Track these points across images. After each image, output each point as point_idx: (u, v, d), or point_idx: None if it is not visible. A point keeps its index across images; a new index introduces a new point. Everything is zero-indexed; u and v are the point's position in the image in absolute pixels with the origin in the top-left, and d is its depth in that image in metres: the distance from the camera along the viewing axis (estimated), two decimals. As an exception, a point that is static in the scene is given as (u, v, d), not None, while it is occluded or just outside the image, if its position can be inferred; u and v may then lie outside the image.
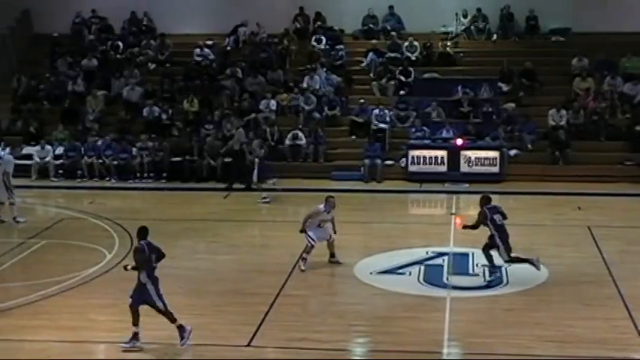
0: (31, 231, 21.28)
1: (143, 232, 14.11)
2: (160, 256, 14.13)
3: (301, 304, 16.06)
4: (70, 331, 14.72)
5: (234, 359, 13.54)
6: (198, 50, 31.75)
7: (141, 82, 30.62)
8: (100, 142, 27.74)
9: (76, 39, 33.23)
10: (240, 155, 26.14)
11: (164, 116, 28.92)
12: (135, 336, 13.81)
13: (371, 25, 33.15)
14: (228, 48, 32.26)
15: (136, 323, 13.85)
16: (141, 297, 13.85)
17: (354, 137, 28.86)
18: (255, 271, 18.00)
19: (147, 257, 13.83)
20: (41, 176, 27.31)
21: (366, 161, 27.18)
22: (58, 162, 27.50)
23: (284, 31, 32.61)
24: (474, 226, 17.11)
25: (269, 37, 32.55)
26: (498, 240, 16.70)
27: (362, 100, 29.34)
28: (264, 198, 24.39)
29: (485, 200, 17.22)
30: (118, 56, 32.29)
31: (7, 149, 23.67)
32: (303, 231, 17.87)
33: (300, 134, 28.14)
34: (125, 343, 13.77)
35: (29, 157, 27.34)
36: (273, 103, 29.30)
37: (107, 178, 27.28)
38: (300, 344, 13.96)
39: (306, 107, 29.26)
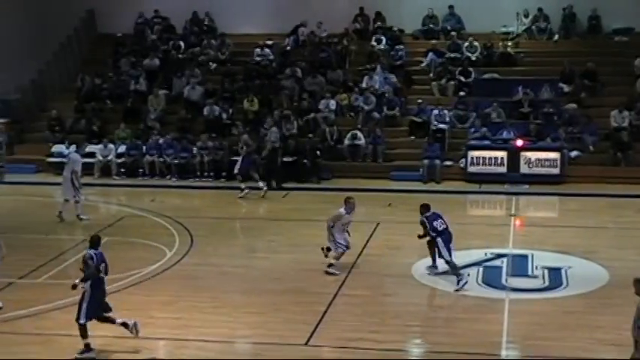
0: (93, 228, 21.50)
1: (95, 240, 14.12)
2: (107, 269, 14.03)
3: (359, 303, 16.08)
4: (130, 327, 14.91)
5: (291, 358, 13.60)
6: (258, 50, 31.94)
7: (202, 81, 30.88)
8: (161, 141, 28.04)
9: (138, 39, 33.63)
10: (273, 154, 26.30)
11: (224, 115, 29.14)
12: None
13: (431, 25, 33.05)
14: (288, 48, 32.41)
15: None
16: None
17: (413, 137, 28.80)
18: (313, 270, 18.05)
19: (95, 267, 13.80)
20: (103, 174, 27.67)
21: (425, 161, 27.10)
22: (120, 160, 27.88)
23: (344, 31, 32.66)
24: (424, 235, 17.21)
25: (329, 37, 32.62)
26: (442, 243, 16.82)
27: (420, 100, 29.26)
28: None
29: (423, 209, 17.38)
30: (180, 56, 32.60)
31: (73, 147, 24.08)
32: (331, 240, 17.87)
33: (359, 134, 28.16)
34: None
35: (92, 155, 27.74)
36: (332, 103, 29.37)
37: (168, 177, 27.57)
38: (358, 344, 13.99)
39: (366, 107, 29.26)
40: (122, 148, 28.24)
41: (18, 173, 27.83)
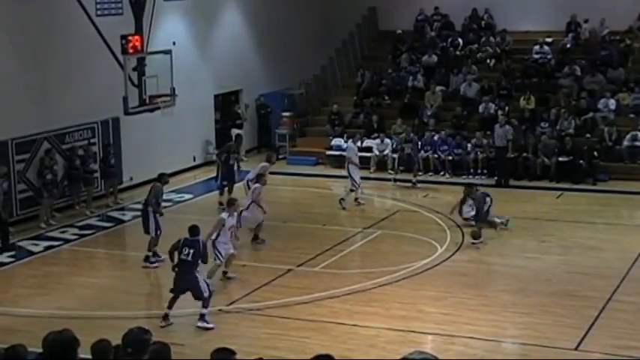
0: (368, 221, 22.25)
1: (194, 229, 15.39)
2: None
3: (634, 311, 15.65)
4: (400, 320, 15.35)
5: (559, 361, 13.51)
6: (537, 47, 31.50)
7: (478, 78, 30.89)
8: (436, 137, 28.34)
9: (418, 36, 34.11)
10: (503, 151, 26.15)
11: (500, 113, 29.01)
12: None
13: None
14: (568, 45, 31.73)
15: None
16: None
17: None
18: (585, 273, 17.77)
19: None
20: (379, 168, 28.34)
21: None
22: (395, 155, 28.44)
23: (627, 29, 31.55)
24: None
25: (611, 35, 31.62)
26: None
27: None
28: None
29: None
30: (458, 53, 32.77)
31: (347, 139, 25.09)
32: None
33: (640, 135, 27.15)
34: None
35: (369, 149, 28.51)
36: (612, 103, 28.47)
37: (442, 173, 27.84)
38: (630, 352, 13.67)
39: (648, 107, 28.16)
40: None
41: (299, 165, 29.07)
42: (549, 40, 31.61)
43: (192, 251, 15.04)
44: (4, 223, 20.37)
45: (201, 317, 15.06)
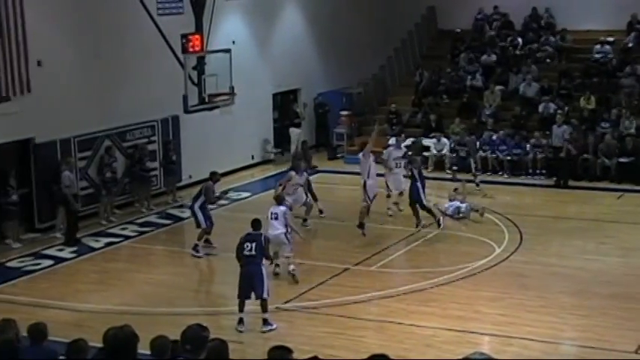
0: (424, 220, 22.17)
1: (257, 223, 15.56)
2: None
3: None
4: (456, 320, 15.31)
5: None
6: (598, 47, 31.14)
7: (538, 78, 30.63)
8: (494, 137, 28.16)
9: (477, 35, 33.94)
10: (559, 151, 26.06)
11: (558, 112, 28.73)
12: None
13: None
14: (630, 45, 31.31)
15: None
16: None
17: None
18: (645, 276, 17.56)
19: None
20: (437, 168, 28.23)
21: None
22: (453, 155, 28.30)
23: (692, 27, 31.06)
24: None
25: (673, 33, 31.14)
26: None
27: None
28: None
29: None
30: (517, 52, 32.52)
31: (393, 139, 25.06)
32: None
33: None
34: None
35: (427, 149, 28.42)
36: (675, 103, 28.07)
37: (500, 173, 27.65)
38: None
39: None
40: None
41: (356, 164, 29.00)
42: (610, 39, 31.23)
43: (254, 245, 15.10)
44: (73, 213, 20.69)
45: (265, 322, 15.06)
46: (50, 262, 19.41)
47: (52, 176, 21.21)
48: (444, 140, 28.41)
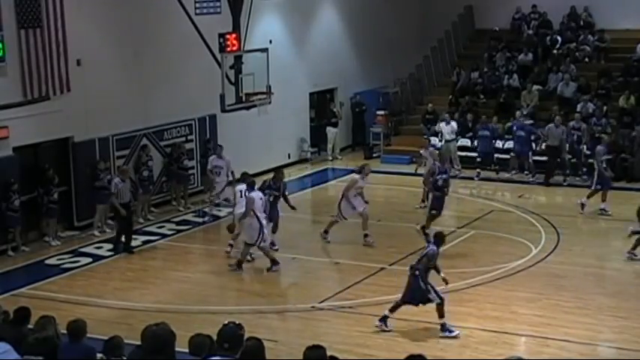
0: (462, 220, 22.15)
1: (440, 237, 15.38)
2: None
3: None
4: (492, 320, 15.27)
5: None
6: (639, 46, 30.84)
7: (576, 77, 30.41)
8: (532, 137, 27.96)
9: (514, 34, 33.76)
10: (556, 151, 26.17)
11: (597, 112, 28.50)
12: None
13: None
14: (671, 44, 31.01)
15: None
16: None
17: None
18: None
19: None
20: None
21: None
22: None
23: None
24: None
25: None
26: None
27: None
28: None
29: None
30: (555, 51, 32.31)
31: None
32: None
33: None
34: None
35: (466, 149, 28.34)
36: None
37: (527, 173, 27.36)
38: None
39: None
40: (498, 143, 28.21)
41: (393, 163, 29.06)
42: (651, 38, 30.93)
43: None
44: (121, 219, 20.19)
45: (442, 327, 14.77)
46: (88, 259, 19.60)
47: (90, 175, 21.40)
48: (453, 124, 28.11)
